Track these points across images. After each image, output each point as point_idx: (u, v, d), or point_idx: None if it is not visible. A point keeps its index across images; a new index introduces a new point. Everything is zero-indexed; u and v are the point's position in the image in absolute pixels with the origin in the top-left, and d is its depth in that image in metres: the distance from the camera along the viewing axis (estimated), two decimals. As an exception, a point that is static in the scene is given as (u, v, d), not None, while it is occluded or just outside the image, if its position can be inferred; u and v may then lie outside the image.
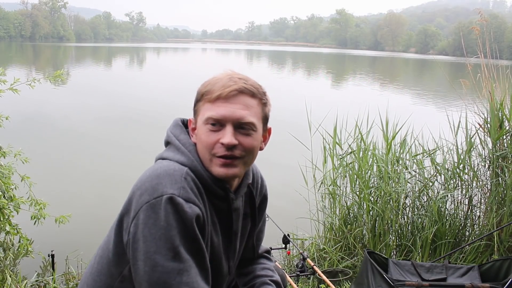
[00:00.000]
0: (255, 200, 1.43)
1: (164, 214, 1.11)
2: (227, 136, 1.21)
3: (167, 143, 1.32)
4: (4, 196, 2.88)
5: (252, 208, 1.43)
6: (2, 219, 2.85)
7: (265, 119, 1.31)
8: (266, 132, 1.34)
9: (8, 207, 2.93)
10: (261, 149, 1.32)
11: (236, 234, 1.37)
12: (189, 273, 1.12)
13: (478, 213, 3.71)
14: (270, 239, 1.88)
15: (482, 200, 3.70)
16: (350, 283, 3.17)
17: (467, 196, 3.68)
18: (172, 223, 1.11)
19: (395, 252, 3.60)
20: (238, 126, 1.23)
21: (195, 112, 1.29)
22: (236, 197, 1.32)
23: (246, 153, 1.25)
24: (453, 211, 3.64)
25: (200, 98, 1.27)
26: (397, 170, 3.75)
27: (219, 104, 1.22)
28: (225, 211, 1.31)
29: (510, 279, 2.56)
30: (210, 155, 1.23)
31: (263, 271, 1.53)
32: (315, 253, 3.61)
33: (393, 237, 3.64)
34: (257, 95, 1.27)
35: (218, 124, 1.22)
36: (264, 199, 1.51)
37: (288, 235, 3.24)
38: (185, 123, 1.36)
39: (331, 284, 2.81)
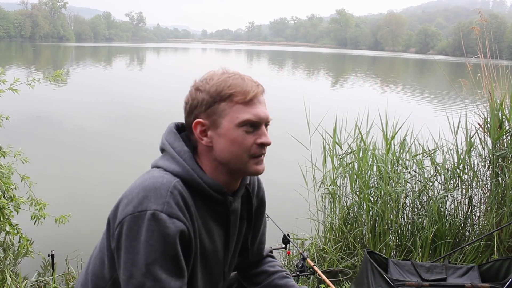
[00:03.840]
0: (252, 201, 1.43)
1: (145, 229, 1.11)
2: (266, 136, 1.25)
3: (162, 150, 1.30)
4: (4, 196, 2.88)
5: (249, 209, 1.43)
6: (2, 219, 2.85)
7: None
8: None
9: (8, 207, 2.93)
10: None
11: (233, 236, 1.37)
12: None
13: (478, 213, 3.71)
14: (270, 239, 1.88)
15: (482, 200, 3.70)
16: (350, 283, 3.17)
17: (467, 196, 3.68)
18: (151, 240, 1.11)
19: (395, 252, 3.60)
20: (266, 125, 1.27)
21: (213, 113, 1.23)
22: (234, 199, 1.32)
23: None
24: (453, 211, 3.64)
25: (225, 99, 1.22)
26: (397, 170, 3.75)
27: (254, 105, 1.24)
28: (224, 215, 1.31)
29: (510, 279, 2.56)
30: (248, 156, 1.24)
31: (276, 268, 1.55)
32: (315, 253, 3.61)
33: (393, 237, 3.64)
34: None
35: (254, 125, 1.24)
36: (262, 202, 1.51)
37: (288, 235, 3.23)
38: (179, 128, 1.32)
39: (331, 284, 2.81)
